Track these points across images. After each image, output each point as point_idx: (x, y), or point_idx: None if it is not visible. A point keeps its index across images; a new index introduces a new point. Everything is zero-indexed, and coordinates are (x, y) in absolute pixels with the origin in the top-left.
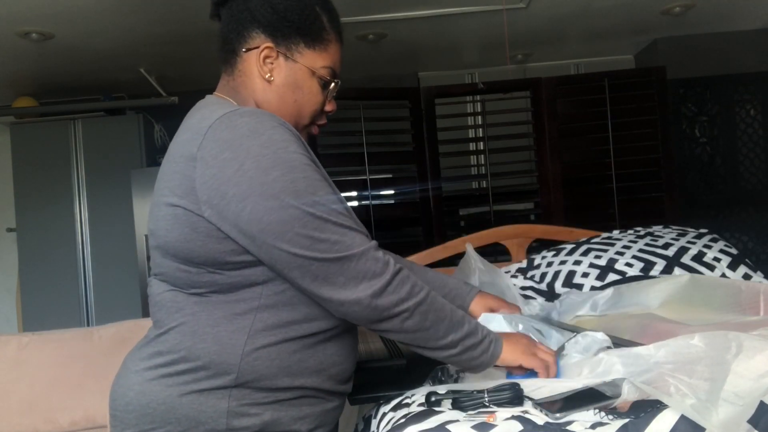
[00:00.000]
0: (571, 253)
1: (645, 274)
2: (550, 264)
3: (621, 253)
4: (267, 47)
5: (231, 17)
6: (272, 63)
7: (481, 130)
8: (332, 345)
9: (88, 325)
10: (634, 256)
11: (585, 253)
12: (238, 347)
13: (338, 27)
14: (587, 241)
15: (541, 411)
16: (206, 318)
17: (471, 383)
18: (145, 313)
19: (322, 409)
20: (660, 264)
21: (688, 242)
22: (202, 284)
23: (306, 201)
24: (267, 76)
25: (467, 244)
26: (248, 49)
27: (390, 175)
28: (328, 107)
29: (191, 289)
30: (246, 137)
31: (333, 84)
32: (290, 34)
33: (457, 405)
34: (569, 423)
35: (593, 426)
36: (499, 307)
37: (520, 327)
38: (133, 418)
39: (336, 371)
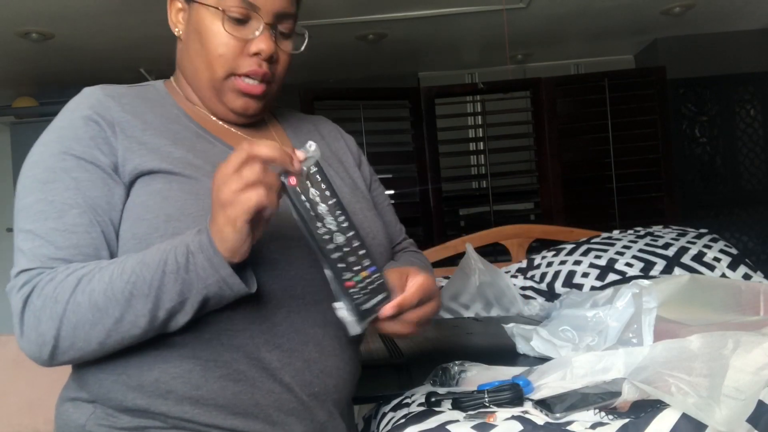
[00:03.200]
0: (571, 253)
1: (645, 274)
2: (550, 264)
3: (621, 253)
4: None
5: None
6: (182, 17)
7: (481, 130)
8: (226, 369)
9: None
10: (634, 256)
11: (585, 253)
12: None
13: None
14: (587, 241)
15: (541, 411)
16: None
17: (471, 384)
18: None
19: None
20: (660, 264)
21: (688, 242)
22: None
23: (17, 205)
24: (176, 31)
25: (467, 244)
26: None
27: (390, 175)
28: (253, 47)
29: None
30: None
31: (238, 13)
32: None
33: (457, 405)
34: (569, 423)
35: (593, 426)
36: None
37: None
38: None
39: (234, 403)
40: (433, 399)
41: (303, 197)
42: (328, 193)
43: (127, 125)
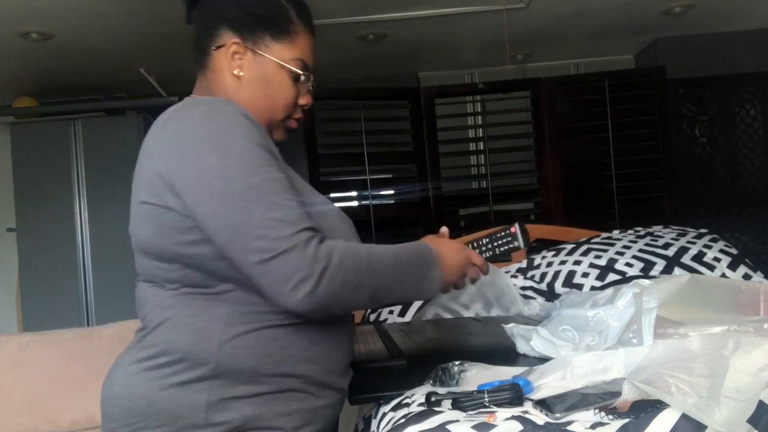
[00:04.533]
0: (571, 253)
1: (645, 274)
2: (550, 264)
3: (621, 253)
4: (234, 43)
5: (200, 17)
6: (241, 59)
7: (481, 130)
8: (319, 332)
9: (88, 325)
10: (634, 256)
11: (585, 253)
12: (215, 335)
13: (307, 19)
14: (587, 241)
15: (541, 411)
16: (184, 310)
17: (471, 384)
18: None
19: (311, 406)
20: (660, 264)
21: (688, 242)
22: (177, 279)
23: (235, 188)
24: (236, 72)
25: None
26: (218, 47)
27: (390, 175)
28: (302, 101)
29: (169, 285)
30: (195, 125)
31: (305, 76)
32: (256, 29)
33: (457, 405)
34: (569, 423)
35: (593, 426)
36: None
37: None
38: (118, 412)
39: (326, 359)
40: (433, 399)
41: (501, 233)
42: (500, 250)
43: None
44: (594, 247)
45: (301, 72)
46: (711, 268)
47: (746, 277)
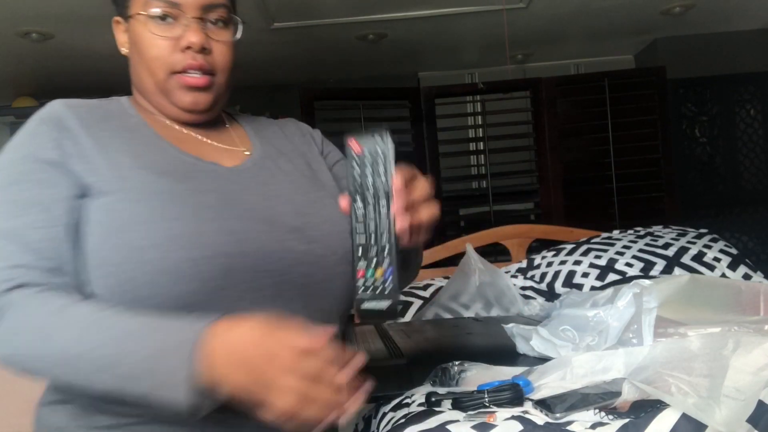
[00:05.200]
0: (571, 253)
1: (645, 274)
2: (550, 264)
3: (621, 253)
4: (114, 21)
5: None
6: (125, 38)
7: (481, 130)
8: None
9: None
10: (634, 256)
11: (585, 253)
12: None
13: None
14: (587, 241)
15: (541, 411)
16: None
17: (471, 384)
18: None
19: None
20: (660, 264)
21: (688, 242)
22: None
23: None
24: (123, 51)
25: (467, 244)
26: None
27: None
28: (184, 41)
29: None
30: None
31: (166, 13)
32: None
33: (457, 405)
34: (569, 423)
35: (593, 426)
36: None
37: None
38: None
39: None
40: (433, 399)
41: (357, 169)
42: (383, 179)
43: (79, 134)
44: (594, 247)
45: (165, 10)
46: (711, 268)
47: (746, 277)
